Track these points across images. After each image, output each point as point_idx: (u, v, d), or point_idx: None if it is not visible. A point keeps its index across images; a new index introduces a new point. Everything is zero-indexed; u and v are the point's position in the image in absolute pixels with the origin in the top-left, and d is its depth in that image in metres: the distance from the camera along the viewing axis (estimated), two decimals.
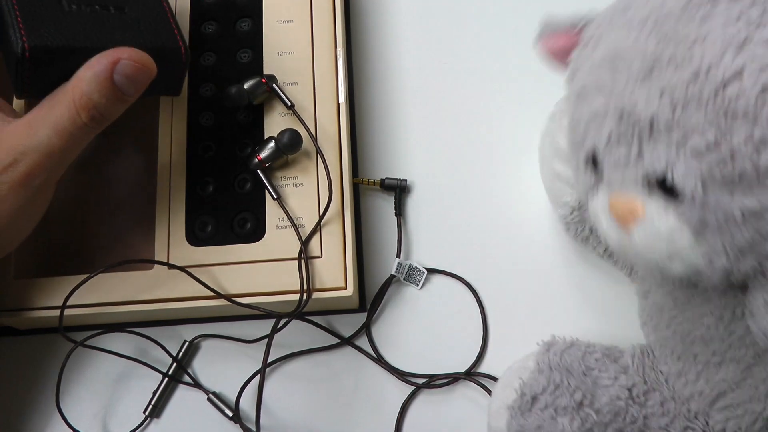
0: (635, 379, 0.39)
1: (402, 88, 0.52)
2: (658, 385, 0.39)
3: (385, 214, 0.49)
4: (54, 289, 0.43)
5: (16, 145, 0.36)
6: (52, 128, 0.36)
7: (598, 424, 0.37)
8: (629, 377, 0.39)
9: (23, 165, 0.36)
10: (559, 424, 0.37)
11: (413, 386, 0.45)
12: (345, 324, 0.47)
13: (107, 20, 0.39)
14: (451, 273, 0.47)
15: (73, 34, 0.37)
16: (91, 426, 0.45)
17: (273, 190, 0.44)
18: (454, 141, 0.51)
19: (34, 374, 0.46)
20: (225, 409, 0.44)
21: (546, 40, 0.36)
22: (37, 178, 0.37)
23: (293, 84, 0.47)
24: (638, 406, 0.38)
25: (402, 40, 0.54)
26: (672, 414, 0.38)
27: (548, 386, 0.38)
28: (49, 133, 0.36)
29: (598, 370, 0.39)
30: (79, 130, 0.36)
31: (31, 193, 0.37)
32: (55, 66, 0.37)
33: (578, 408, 0.38)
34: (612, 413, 0.38)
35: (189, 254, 0.43)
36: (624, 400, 0.38)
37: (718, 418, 0.37)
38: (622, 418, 0.38)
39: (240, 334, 0.46)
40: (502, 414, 0.39)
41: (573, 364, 0.39)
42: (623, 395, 0.38)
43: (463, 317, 0.47)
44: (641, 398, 0.38)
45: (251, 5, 0.49)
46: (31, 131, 0.36)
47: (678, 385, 0.38)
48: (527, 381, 0.39)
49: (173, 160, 0.45)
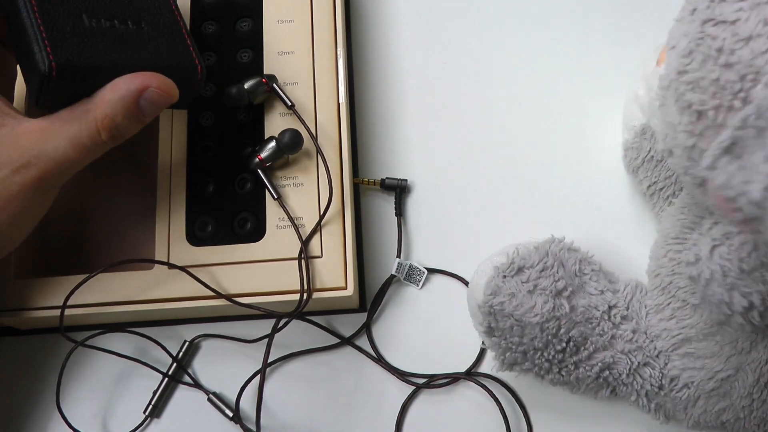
0: (620, 302, 0.40)
1: (402, 88, 0.52)
2: (638, 316, 0.40)
3: (385, 214, 0.49)
4: (54, 289, 0.43)
5: (30, 148, 0.37)
6: (69, 141, 0.37)
7: (568, 318, 0.38)
8: (615, 298, 0.40)
9: (36, 169, 0.37)
10: (532, 300, 0.38)
11: (413, 386, 0.45)
12: (345, 324, 0.47)
13: (126, 37, 0.39)
14: (451, 273, 0.47)
15: (96, 52, 0.38)
16: (91, 426, 0.45)
17: (273, 189, 0.44)
18: (454, 141, 0.51)
19: (34, 374, 0.46)
20: (225, 409, 0.44)
21: None
22: (47, 182, 0.38)
23: (293, 84, 0.47)
24: (611, 323, 0.39)
25: (402, 40, 0.54)
26: (637, 344, 0.39)
27: (537, 264, 0.39)
28: (65, 145, 0.37)
29: (590, 277, 0.40)
30: (96, 146, 0.38)
31: (39, 196, 0.38)
32: (78, 83, 0.37)
33: (556, 295, 0.38)
34: (584, 317, 0.39)
35: (189, 254, 0.43)
36: (600, 312, 0.39)
37: (676, 363, 0.38)
38: (592, 326, 0.39)
39: (240, 334, 0.46)
40: (486, 272, 0.40)
41: (569, 260, 0.40)
42: (602, 308, 0.39)
43: (464, 317, 0.46)
44: (617, 319, 0.40)
45: (251, 5, 0.49)
46: (46, 138, 0.37)
47: (653, 320, 0.39)
48: (521, 253, 0.40)
49: (173, 159, 0.45)
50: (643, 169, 0.45)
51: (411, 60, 0.53)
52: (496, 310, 0.39)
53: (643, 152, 0.44)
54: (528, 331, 0.38)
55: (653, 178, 0.44)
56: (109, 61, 0.38)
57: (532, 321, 0.38)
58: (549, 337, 0.38)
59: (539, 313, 0.38)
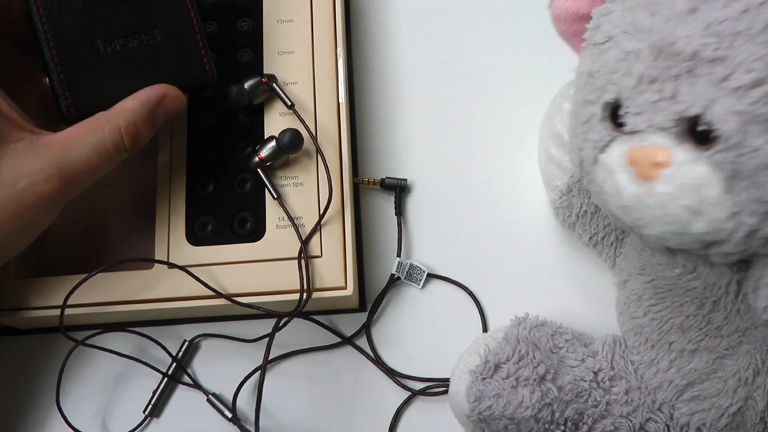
0: (603, 364, 0.39)
1: (402, 88, 0.52)
2: (626, 373, 0.39)
3: (385, 214, 0.49)
4: (54, 288, 0.43)
5: (52, 159, 0.37)
6: (94, 149, 0.38)
7: (559, 400, 0.37)
8: (597, 362, 0.39)
9: (57, 180, 0.37)
10: (519, 395, 0.37)
11: (409, 392, 0.45)
12: (345, 324, 0.47)
13: (141, 55, 0.41)
14: (453, 280, 0.47)
15: (112, 82, 0.40)
16: (91, 425, 0.45)
17: (273, 189, 0.44)
18: (454, 141, 0.51)
19: (34, 374, 0.46)
20: (224, 410, 0.44)
21: (566, 1, 0.36)
22: (65, 194, 0.38)
23: (293, 83, 0.47)
24: (602, 390, 0.38)
25: (402, 40, 0.54)
26: (636, 403, 0.38)
27: (513, 356, 0.38)
28: (89, 153, 0.38)
29: (566, 350, 0.39)
30: (119, 153, 0.39)
31: (53, 207, 0.38)
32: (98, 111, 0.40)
33: (540, 381, 0.37)
34: (574, 393, 0.37)
35: (189, 253, 0.43)
36: (588, 382, 0.38)
37: (684, 410, 0.37)
38: (584, 399, 0.37)
39: (240, 334, 0.46)
40: (464, 378, 0.38)
41: (541, 339, 0.39)
42: (588, 377, 0.38)
43: (464, 320, 0.47)
44: (606, 383, 0.38)
45: (251, 5, 0.49)
46: (69, 148, 0.38)
47: (648, 375, 0.38)
48: (492, 348, 0.38)
49: (173, 159, 0.45)
50: (579, 224, 0.44)
51: (411, 60, 0.53)
52: (485, 416, 0.37)
53: (575, 208, 0.43)
54: (524, 426, 0.37)
55: (592, 231, 0.43)
56: (125, 89, 0.40)
57: (525, 415, 0.36)
58: (546, 425, 0.37)
59: (529, 406, 0.36)
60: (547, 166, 0.44)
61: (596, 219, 0.43)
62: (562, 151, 0.43)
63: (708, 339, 0.36)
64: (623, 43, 0.31)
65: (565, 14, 0.36)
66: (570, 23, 0.36)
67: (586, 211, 0.43)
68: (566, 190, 0.43)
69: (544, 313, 0.46)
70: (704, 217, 0.29)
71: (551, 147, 0.43)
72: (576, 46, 0.37)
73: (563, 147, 0.43)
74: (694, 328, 0.36)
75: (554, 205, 0.45)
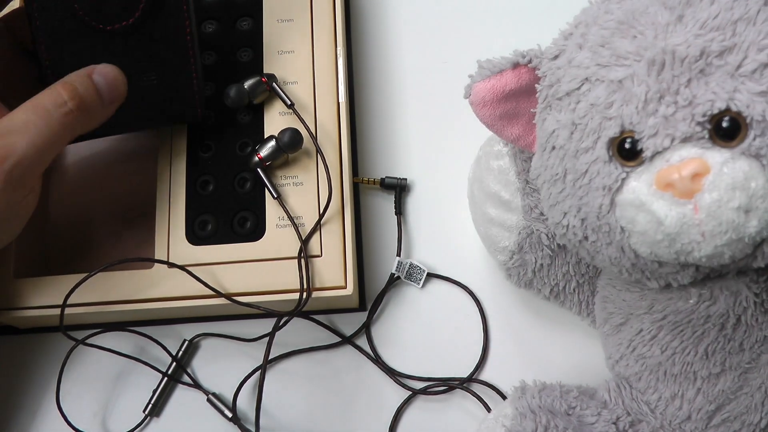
0: (618, 411, 0.37)
1: (402, 87, 0.52)
2: (643, 415, 0.37)
3: (385, 213, 0.49)
4: (54, 288, 0.43)
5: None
6: (32, 108, 0.36)
7: None
8: (611, 411, 0.37)
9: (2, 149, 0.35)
10: None
11: (410, 391, 0.45)
12: (345, 323, 0.47)
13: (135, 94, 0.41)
14: (453, 280, 0.47)
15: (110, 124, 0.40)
16: (91, 425, 0.45)
17: (273, 188, 0.44)
18: (454, 140, 0.51)
19: (34, 373, 0.46)
20: (224, 410, 0.44)
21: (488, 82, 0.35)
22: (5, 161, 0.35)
23: (293, 83, 0.47)
24: None
25: (402, 40, 0.54)
26: None
27: (537, 429, 0.36)
28: (29, 114, 0.36)
29: (579, 407, 0.37)
30: (56, 109, 0.37)
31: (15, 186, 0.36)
32: None
33: None
34: None
35: (189, 253, 0.43)
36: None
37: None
38: None
39: (240, 333, 0.46)
40: None
41: (554, 404, 0.37)
42: (611, 430, 0.36)
43: (464, 321, 0.46)
44: (629, 430, 0.37)
45: (251, 4, 0.49)
46: (11, 115, 0.36)
47: (671, 409, 0.37)
48: (511, 428, 0.36)
49: (173, 159, 0.45)
50: (537, 279, 0.42)
51: (411, 60, 0.53)
52: None
53: (530, 265, 0.41)
54: None
55: (552, 282, 0.41)
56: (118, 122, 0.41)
57: None
58: None
59: None
60: (489, 229, 0.42)
61: (554, 269, 0.41)
62: (503, 210, 0.41)
63: (731, 357, 0.35)
64: (609, 75, 0.30)
65: (490, 96, 0.35)
66: (496, 105, 0.35)
67: (542, 264, 0.41)
68: (517, 249, 0.41)
69: (545, 313, 0.46)
70: (756, 213, 0.28)
71: (489, 209, 0.41)
72: (503, 128, 0.36)
73: (503, 206, 0.40)
74: (718, 351, 0.35)
75: (505, 267, 0.42)
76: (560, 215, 0.34)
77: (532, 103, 0.36)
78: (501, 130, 0.37)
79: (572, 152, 0.32)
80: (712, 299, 0.34)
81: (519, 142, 0.37)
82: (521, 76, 0.35)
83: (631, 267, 0.33)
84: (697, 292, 0.35)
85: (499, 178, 0.40)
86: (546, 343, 0.45)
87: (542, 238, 0.40)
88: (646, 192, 0.30)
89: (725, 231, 0.29)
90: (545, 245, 0.40)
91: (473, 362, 0.45)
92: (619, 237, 0.32)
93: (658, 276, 0.33)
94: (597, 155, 0.31)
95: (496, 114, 0.36)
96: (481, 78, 0.35)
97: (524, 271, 0.41)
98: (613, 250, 0.33)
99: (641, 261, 0.32)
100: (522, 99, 0.36)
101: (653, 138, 0.30)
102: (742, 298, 0.34)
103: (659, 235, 0.30)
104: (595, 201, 0.32)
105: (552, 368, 0.44)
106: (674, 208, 0.29)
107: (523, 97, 0.36)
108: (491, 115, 0.36)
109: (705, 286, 0.34)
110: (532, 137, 0.37)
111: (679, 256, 0.31)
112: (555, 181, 0.34)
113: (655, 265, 0.32)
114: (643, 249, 0.31)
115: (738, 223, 0.28)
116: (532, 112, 0.36)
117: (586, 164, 0.32)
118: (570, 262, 0.40)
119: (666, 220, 0.29)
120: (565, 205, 0.34)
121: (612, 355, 0.39)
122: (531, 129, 0.36)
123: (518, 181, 0.40)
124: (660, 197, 0.29)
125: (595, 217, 0.32)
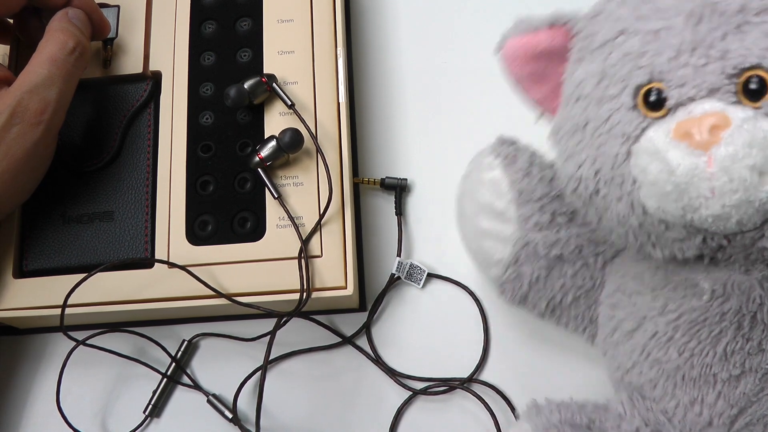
0: (636, 422, 0.36)
1: (402, 88, 0.52)
2: (661, 425, 0.36)
3: (386, 214, 0.49)
4: (54, 288, 0.43)
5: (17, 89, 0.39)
6: (48, 61, 0.40)
7: None
8: (629, 422, 0.36)
9: (34, 102, 0.39)
10: None
11: (410, 391, 0.45)
12: (345, 324, 0.47)
13: (91, 232, 0.45)
14: (453, 280, 0.47)
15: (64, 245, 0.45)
16: (91, 425, 0.45)
17: (273, 189, 0.44)
18: (454, 140, 0.50)
19: (34, 374, 0.46)
20: (225, 411, 0.44)
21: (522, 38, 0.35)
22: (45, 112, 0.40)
23: (293, 83, 0.47)
24: None
25: (402, 40, 0.54)
26: None
27: None
28: (48, 67, 0.40)
29: (599, 420, 0.36)
30: (68, 56, 0.41)
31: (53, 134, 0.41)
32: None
33: None
34: None
35: (189, 253, 0.43)
36: None
37: None
38: None
39: (239, 333, 0.46)
40: None
41: (573, 418, 0.36)
42: None
43: (464, 321, 0.46)
44: None
45: (251, 4, 0.49)
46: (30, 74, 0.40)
47: (691, 416, 0.35)
48: None
49: (173, 159, 0.45)
50: (532, 292, 0.40)
51: (411, 60, 0.53)
52: None
53: (526, 277, 0.39)
54: None
55: (549, 295, 0.40)
56: (74, 255, 0.45)
57: None
58: None
59: None
60: (482, 244, 0.40)
61: (550, 281, 0.40)
62: (497, 222, 0.39)
63: (751, 358, 0.34)
64: (646, 26, 0.31)
65: (522, 52, 0.35)
66: (526, 63, 0.36)
67: (539, 276, 0.39)
68: (512, 260, 0.39)
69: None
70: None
71: (481, 222, 0.40)
72: (529, 88, 0.36)
73: (497, 217, 0.39)
74: (737, 352, 0.34)
75: (499, 282, 0.41)
76: (575, 167, 0.34)
77: (561, 69, 0.36)
78: (527, 89, 0.37)
79: (596, 100, 0.33)
80: (725, 295, 0.34)
81: (542, 104, 0.37)
82: (555, 37, 0.35)
83: (638, 227, 0.33)
84: (710, 288, 0.34)
85: (492, 189, 0.40)
86: (546, 343, 0.45)
87: (538, 248, 0.39)
88: (662, 140, 0.30)
89: (735, 189, 0.28)
90: (541, 256, 0.39)
91: (474, 362, 0.45)
92: (629, 188, 0.32)
93: (663, 243, 0.33)
94: (621, 102, 0.31)
95: (524, 71, 0.36)
96: (515, 33, 0.36)
97: (519, 284, 0.40)
98: (622, 206, 0.32)
99: (648, 220, 0.32)
100: (553, 62, 0.36)
101: (680, 88, 0.30)
102: (755, 294, 0.33)
103: (669, 186, 0.30)
104: (612, 150, 0.32)
105: (552, 368, 0.44)
106: (688, 158, 0.29)
107: (554, 61, 0.36)
108: (519, 72, 0.36)
109: (717, 282, 0.34)
110: (555, 103, 0.37)
111: (686, 212, 0.30)
112: (574, 132, 0.34)
113: (662, 227, 0.32)
114: (651, 202, 0.31)
115: (750, 182, 0.28)
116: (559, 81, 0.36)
117: (609, 111, 0.32)
118: (567, 274, 0.40)
119: (678, 169, 0.29)
120: (581, 156, 0.33)
121: (622, 365, 0.38)
122: (556, 95, 0.36)
123: (511, 191, 0.39)
124: (675, 146, 0.29)
125: (609, 167, 0.32)
